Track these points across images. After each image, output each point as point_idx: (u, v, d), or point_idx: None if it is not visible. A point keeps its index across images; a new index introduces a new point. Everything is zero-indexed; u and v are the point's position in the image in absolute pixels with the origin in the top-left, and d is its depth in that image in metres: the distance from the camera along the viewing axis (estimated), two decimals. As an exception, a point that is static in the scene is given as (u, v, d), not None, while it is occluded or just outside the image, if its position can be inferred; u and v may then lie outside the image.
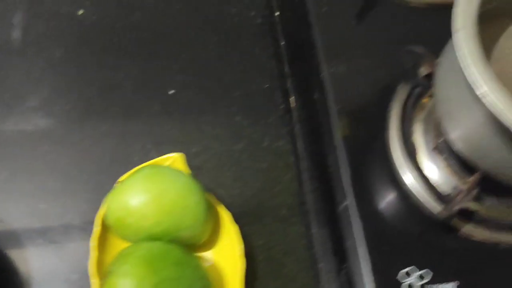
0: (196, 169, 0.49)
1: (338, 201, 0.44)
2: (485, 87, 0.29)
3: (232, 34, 0.59)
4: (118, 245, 0.43)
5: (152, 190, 0.40)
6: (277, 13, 0.60)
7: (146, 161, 0.46)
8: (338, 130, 0.44)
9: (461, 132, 0.35)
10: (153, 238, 0.40)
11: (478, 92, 0.29)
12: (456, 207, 0.37)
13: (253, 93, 0.55)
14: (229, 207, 0.47)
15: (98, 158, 0.50)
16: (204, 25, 0.59)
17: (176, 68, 0.56)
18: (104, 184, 0.46)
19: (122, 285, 0.35)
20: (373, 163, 0.44)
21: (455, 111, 0.35)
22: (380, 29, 0.49)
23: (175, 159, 0.46)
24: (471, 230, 0.40)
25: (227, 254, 0.44)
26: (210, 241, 0.45)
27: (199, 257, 0.44)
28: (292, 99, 0.55)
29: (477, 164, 0.36)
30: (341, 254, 0.44)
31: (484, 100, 0.29)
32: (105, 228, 0.43)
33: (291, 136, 0.53)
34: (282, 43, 0.58)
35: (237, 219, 0.45)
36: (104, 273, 0.39)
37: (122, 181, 0.43)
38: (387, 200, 0.42)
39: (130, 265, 0.36)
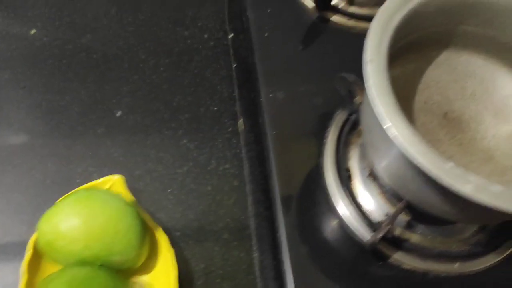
0: (138, 192, 0.49)
1: (275, 227, 0.44)
2: (388, 122, 0.29)
3: (184, 57, 0.59)
4: (51, 269, 0.42)
5: (82, 214, 0.40)
6: (230, 36, 0.61)
7: (91, 182, 0.46)
8: (274, 155, 0.44)
9: (382, 162, 0.36)
10: (84, 262, 0.40)
11: (390, 135, 0.29)
12: (380, 234, 0.37)
13: (202, 116, 0.56)
14: (170, 231, 0.47)
15: (39, 180, 0.50)
16: (156, 47, 0.60)
17: (125, 91, 0.56)
18: (43, 206, 0.46)
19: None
20: (308, 189, 0.44)
21: (376, 141, 0.35)
22: (320, 56, 0.50)
23: (114, 182, 0.46)
24: (401, 258, 0.41)
25: (163, 279, 0.44)
26: (146, 265, 0.45)
27: (133, 282, 0.44)
28: (240, 123, 0.55)
29: (399, 193, 0.37)
30: (280, 281, 0.43)
31: (388, 133, 0.29)
32: (38, 251, 0.42)
33: (237, 160, 0.53)
34: (234, 65, 0.59)
35: (178, 242, 0.45)
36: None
37: (55, 204, 0.42)
38: (319, 227, 0.43)
39: (51, 291, 0.36)
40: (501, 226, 0.42)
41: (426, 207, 0.35)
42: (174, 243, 0.46)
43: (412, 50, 0.40)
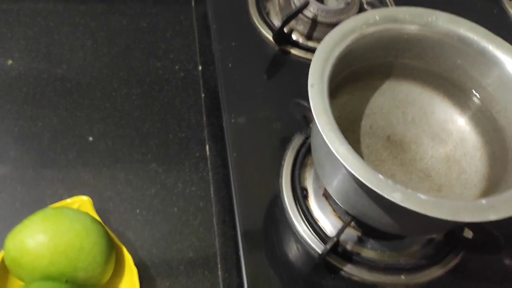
0: (108, 213, 0.52)
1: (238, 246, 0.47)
2: (327, 139, 0.33)
3: (155, 86, 0.63)
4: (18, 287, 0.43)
5: (48, 230, 0.42)
6: (200, 68, 0.65)
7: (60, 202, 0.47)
8: (234, 177, 0.47)
9: (327, 178, 0.39)
10: (49, 278, 0.41)
11: (332, 148, 0.33)
12: (328, 246, 0.40)
13: (170, 141, 0.59)
14: (137, 249, 0.49)
15: (8, 203, 0.51)
16: (129, 77, 0.63)
17: (97, 118, 0.59)
18: (11, 227, 0.47)
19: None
20: (267, 208, 0.47)
21: (321, 159, 0.39)
22: (280, 85, 0.54)
23: (83, 202, 0.48)
24: (351, 271, 0.43)
25: (127, 297, 0.46)
26: (111, 283, 0.46)
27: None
28: (207, 148, 0.58)
29: (344, 208, 0.40)
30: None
31: (329, 150, 0.33)
32: (5, 269, 0.44)
33: (203, 182, 0.56)
34: (203, 95, 0.63)
35: (144, 261, 0.47)
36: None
37: (22, 222, 0.44)
38: (277, 243, 0.45)
39: (15, 304, 0.37)
40: (445, 241, 0.46)
41: (368, 221, 0.38)
42: (140, 261, 0.48)
43: (358, 79, 0.45)
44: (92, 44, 0.66)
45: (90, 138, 0.57)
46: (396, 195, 0.31)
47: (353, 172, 0.32)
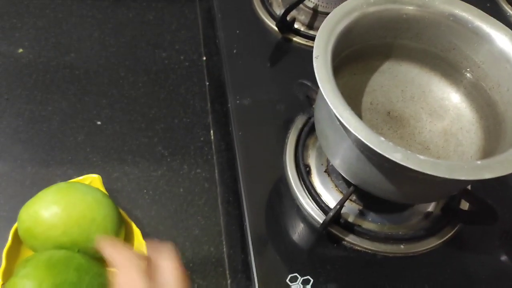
0: (116, 192, 0.53)
1: (244, 224, 0.48)
2: (333, 104, 0.35)
3: (161, 75, 0.65)
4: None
5: (61, 202, 0.43)
6: (204, 58, 0.67)
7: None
8: (239, 154, 0.49)
9: (331, 148, 0.41)
10: (61, 248, 0.43)
11: (334, 111, 0.35)
12: (330, 214, 0.42)
13: (176, 126, 0.60)
14: (145, 226, 0.51)
15: (19, 182, 0.53)
16: (135, 66, 0.65)
17: (104, 103, 0.61)
18: (21, 204, 0.49)
19: (22, 285, 0.37)
20: (272, 184, 0.49)
21: (325, 128, 0.41)
22: (283, 70, 0.56)
23: (93, 180, 0.50)
24: (353, 241, 0.45)
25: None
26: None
27: (107, 271, 0.47)
28: (211, 132, 0.60)
29: (347, 177, 0.42)
30: (248, 272, 0.47)
31: (332, 115, 0.35)
32: (18, 241, 0.45)
33: (208, 165, 0.58)
34: (207, 83, 0.65)
35: (151, 237, 0.48)
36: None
37: (36, 195, 0.45)
38: (282, 217, 0.47)
39: (31, 267, 0.39)
40: (442, 214, 0.48)
41: (370, 188, 0.40)
42: (147, 237, 0.50)
43: (359, 60, 0.47)
44: (99, 35, 0.68)
45: (98, 122, 0.59)
46: (397, 155, 0.33)
47: (356, 134, 0.33)
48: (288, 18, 0.58)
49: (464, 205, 0.47)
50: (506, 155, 0.34)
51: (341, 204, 0.42)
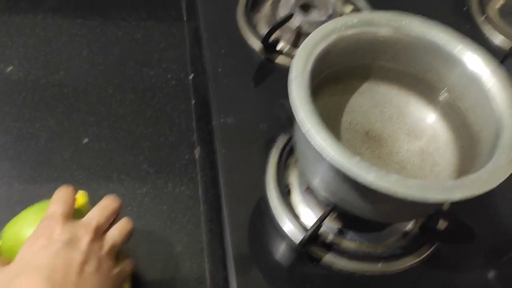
0: (100, 210, 0.53)
1: (225, 242, 0.49)
2: (308, 125, 0.36)
3: (148, 93, 0.66)
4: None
5: (43, 221, 0.44)
6: (191, 76, 0.68)
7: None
8: (222, 172, 0.50)
9: (309, 168, 0.42)
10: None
11: (303, 130, 0.36)
12: (308, 233, 0.43)
13: (161, 144, 0.61)
14: (128, 243, 0.51)
15: (5, 198, 0.53)
16: (123, 84, 0.66)
17: (92, 121, 0.61)
18: (7, 220, 0.49)
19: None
20: (253, 203, 0.49)
21: (303, 149, 0.42)
22: (266, 90, 0.57)
23: (78, 197, 0.50)
24: (331, 260, 0.46)
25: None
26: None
27: None
28: (196, 150, 0.61)
29: (325, 196, 0.42)
30: (229, 290, 0.47)
31: (307, 136, 0.35)
32: (2, 259, 0.45)
33: (192, 183, 0.59)
34: (193, 101, 0.66)
35: (135, 253, 0.49)
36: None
37: (19, 214, 0.46)
38: (263, 236, 0.47)
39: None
40: (420, 233, 0.48)
41: (348, 206, 0.41)
42: (130, 253, 0.50)
43: (338, 81, 0.48)
44: (88, 53, 0.69)
45: (85, 140, 0.60)
46: (370, 176, 0.34)
47: (332, 153, 0.34)
48: (272, 38, 0.60)
49: (442, 224, 0.47)
50: (477, 175, 0.35)
51: (318, 223, 0.43)
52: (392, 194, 0.33)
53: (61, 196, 0.42)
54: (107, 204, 0.43)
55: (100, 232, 0.41)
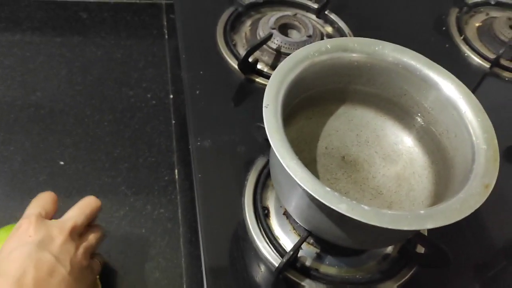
0: (75, 235, 0.52)
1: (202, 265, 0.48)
2: (281, 154, 0.35)
3: (127, 113, 0.65)
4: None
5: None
6: (171, 96, 0.68)
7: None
8: (198, 196, 0.49)
9: (284, 194, 0.41)
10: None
11: (279, 159, 0.35)
12: (284, 259, 0.42)
13: (140, 166, 0.60)
14: (104, 269, 0.50)
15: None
16: (101, 104, 0.66)
17: (68, 143, 0.61)
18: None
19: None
20: (231, 227, 0.49)
21: (278, 177, 0.41)
22: (245, 111, 0.57)
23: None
24: (310, 285, 0.45)
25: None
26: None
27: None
28: (176, 172, 0.60)
29: (300, 223, 0.42)
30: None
31: (283, 164, 0.35)
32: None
33: (172, 205, 0.58)
34: (173, 122, 0.65)
35: (110, 281, 0.48)
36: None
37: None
38: (240, 260, 0.47)
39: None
40: (399, 257, 0.48)
41: (322, 234, 0.41)
42: (107, 281, 0.49)
43: (314, 104, 0.48)
44: (66, 73, 0.68)
45: (61, 162, 0.59)
46: (341, 206, 0.33)
47: (302, 185, 0.34)
48: (251, 59, 0.60)
49: (421, 248, 0.47)
50: (449, 204, 0.35)
51: (295, 249, 0.43)
52: (364, 224, 0.33)
53: (39, 199, 0.42)
54: (87, 204, 0.43)
55: (75, 232, 0.41)
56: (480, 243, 0.52)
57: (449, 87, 0.43)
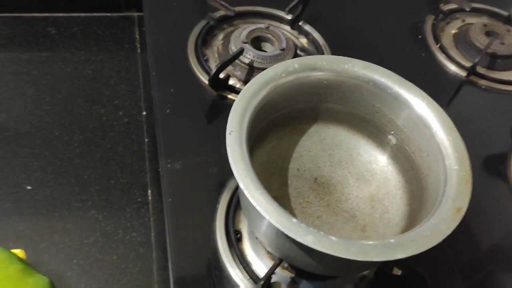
0: (42, 265, 0.51)
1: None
2: (244, 184, 0.34)
3: (98, 133, 0.63)
4: None
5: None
6: (144, 113, 0.66)
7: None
8: (168, 221, 0.47)
9: (252, 222, 0.40)
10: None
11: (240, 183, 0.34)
12: (258, 286, 0.41)
13: (111, 188, 0.59)
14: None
15: None
16: (70, 124, 0.63)
17: (35, 166, 0.58)
18: None
19: None
20: (201, 252, 0.47)
21: (246, 204, 0.40)
22: (217, 130, 0.55)
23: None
24: (284, 313, 0.44)
25: None
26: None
27: None
28: (149, 193, 0.58)
29: (273, 253, 0.41)
30: None
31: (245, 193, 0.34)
32: None
33: (144, 228, 0.56)
34: (146, 140, 0.63)
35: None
36: None
37: None
38: (210, 285, 0.45)
39: None
40: (375, 279, 0.47)
41: (293, 262, 0.39)
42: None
43: (285, 124, 0.46)
44: (33, 92, 0.66)
45: (28, 187, 0.57)
46: (308, 238, 0.32)
47: (267, 217, 0.33)
48: (222, 75, 0.58)
49: (397, 270, 0.46)
50: (420, 231, 0.34)
51: (266, 278, 0.41)
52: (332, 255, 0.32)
53: None
54: None
55: None
56: (461, 260, 0.51)
57: (420, 105, 0.42)
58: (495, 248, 0.53)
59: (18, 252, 0.47)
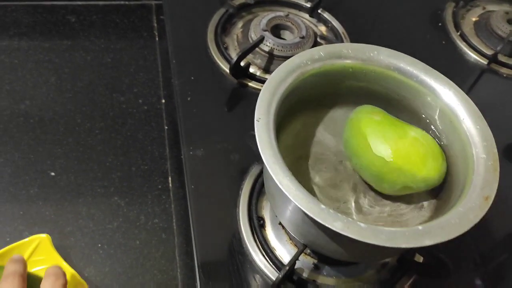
0: (68, 249, 0.52)
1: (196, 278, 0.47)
2: (271, 171, 0.34)
3: (118, 120, 0.64)
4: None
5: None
6: (163, 101, 0.66)
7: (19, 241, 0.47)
8: (192, 208, 0.48)
9: (278, 208, 0.40)
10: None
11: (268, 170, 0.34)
12: (281, 274, 0.41)
13: (133, 174, 0.59)
14: (99, 285, 0.49)
15: (-33, 240, 0.51)
16: (92, 112, 0.64)
17: (59, 153, 0.59)
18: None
19: None
20: (225, 238, 0.48)
21: (272, 190, 0.40)
22: (238, 117, 0.55)
23: (41, 240, 0.48)
24: (307, 298, 0.44)
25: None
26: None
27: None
28: (170, 179, 0.59)
29: (298, 239, 0.41)
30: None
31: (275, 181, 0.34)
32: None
33: (166, 214, 0.57)
34: (166, 127, 0.64)
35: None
36: None
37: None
38: (235, 273, 0.46)
39: None
40: (398, 266, 0.47)
41: (318, 248, 0.40)
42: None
43: (310, 109, 0.47)
44: (56, 80, 0.66)
45: (52, 173, 0.58)
46: (337, 224, 0.32)
47: (296, 203, 0.33)
48: (242, 64, 0.58)
49: (419, 257, 0.46)
50: (448, 218, 0.34)
51: (290, 264, 0.42)
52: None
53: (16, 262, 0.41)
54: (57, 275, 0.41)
55: None
56: (482, 247, 0.51)
57: (447, 93, 0.41)
58: (516, 236, 0.53)
59: (44, 237, 0.49)
